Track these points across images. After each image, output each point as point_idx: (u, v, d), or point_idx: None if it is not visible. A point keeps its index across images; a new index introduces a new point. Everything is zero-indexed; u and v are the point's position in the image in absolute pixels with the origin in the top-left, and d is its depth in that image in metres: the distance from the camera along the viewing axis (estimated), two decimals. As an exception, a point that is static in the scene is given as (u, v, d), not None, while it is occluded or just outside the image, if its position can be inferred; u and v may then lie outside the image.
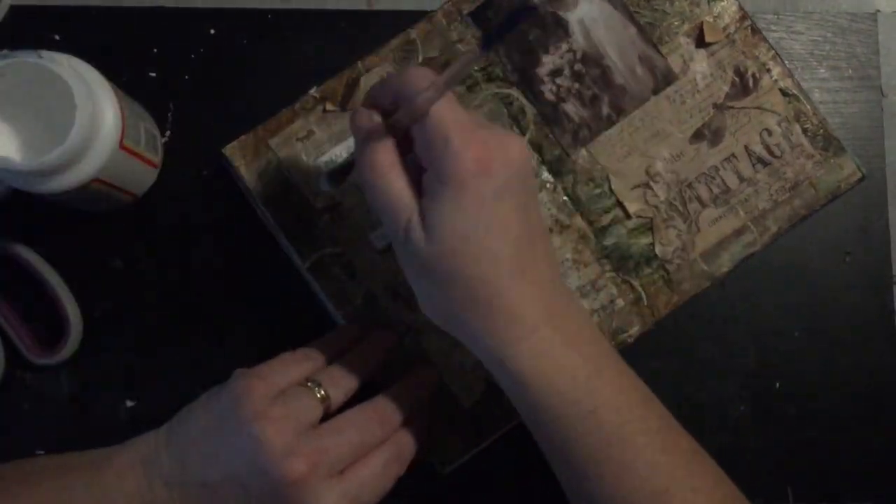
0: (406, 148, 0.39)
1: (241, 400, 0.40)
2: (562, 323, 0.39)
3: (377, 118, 0.39)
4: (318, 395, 0.42)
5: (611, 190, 0.49)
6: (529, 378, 0.39)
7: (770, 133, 0.50)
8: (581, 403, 0.39)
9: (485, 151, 0.37)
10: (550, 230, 0.49)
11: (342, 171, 0.45)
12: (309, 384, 0.42)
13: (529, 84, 0.49)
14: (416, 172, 0.39)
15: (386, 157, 0.39)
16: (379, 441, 0.42)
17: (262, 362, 0.49)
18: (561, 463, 0.41)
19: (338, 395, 0.42)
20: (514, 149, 0.38)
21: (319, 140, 0.49)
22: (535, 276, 0.39)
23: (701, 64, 0.50)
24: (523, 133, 0.49)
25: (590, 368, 0.39)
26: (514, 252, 0.38)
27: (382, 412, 0.43)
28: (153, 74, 0.50)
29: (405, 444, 0.43)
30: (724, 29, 0.50)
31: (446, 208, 0.37)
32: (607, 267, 0.49)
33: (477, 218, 0.37)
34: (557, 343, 0.39)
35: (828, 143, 0.49)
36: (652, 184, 0.49)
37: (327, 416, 0.42)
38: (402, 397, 0.44)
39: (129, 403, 0.49)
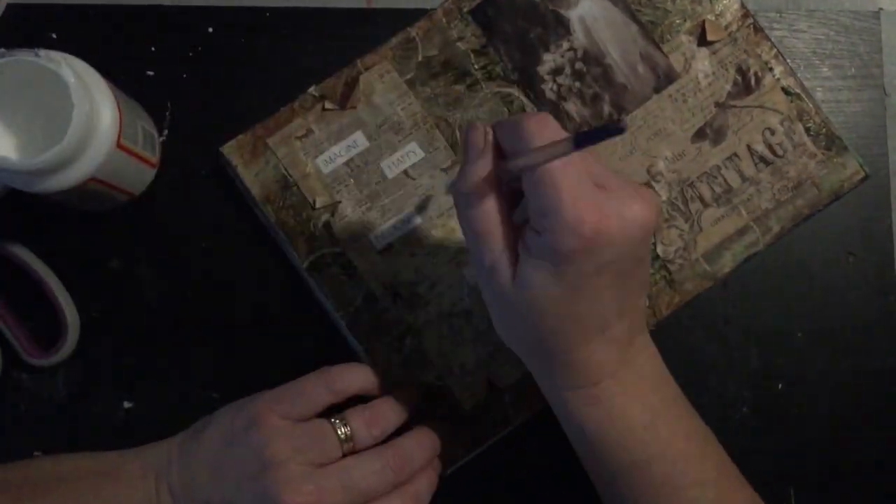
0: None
1: (254, 427, 0.40)
2: (627, 374, 0.39)
3: (489, 137, 0.37)
4: (340, 433, 0.41)
5: (612, 189, 0.49)
6: (585, 423, 0.39)
7: (772, 132, 0.49)
8: (633, 453, 0.39)
9: (596, 227, 0.33)
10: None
11: None
12: (335, 420, 0.41)
13: (530, 83, 0.49)
14: (516, 201, 0.38)
15: (492, 189, 0.36)
16: (391, 488, 0.41)
17: (257, 362, 0.49)
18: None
19: (365, 439, 0.42)
20: (633, 222, 0.35)
21: (318, 139, 0.48)
22: (615, 333, 0.38)
23: (703, 62, 0.49)
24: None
25: (646, 419, 0.39)
26: (600, 316, 0.37)
27: (401, 459, 0.42)
28: (151, 73, 0.50)
29: (417, 495, 0.42)
30: (727, 27, 0.49)
31: (543, 274, 0.35)
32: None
33: (572, 289, 0.35)
34: (617, 393, 0.39)
35: (830, 143, 0.49)
36: (654, 183, 0.49)
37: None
38: (424, 445, 0.43)
39: (127, 405, 0.49)
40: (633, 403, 0.39)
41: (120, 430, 0.48)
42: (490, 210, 0.36)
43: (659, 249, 0.49)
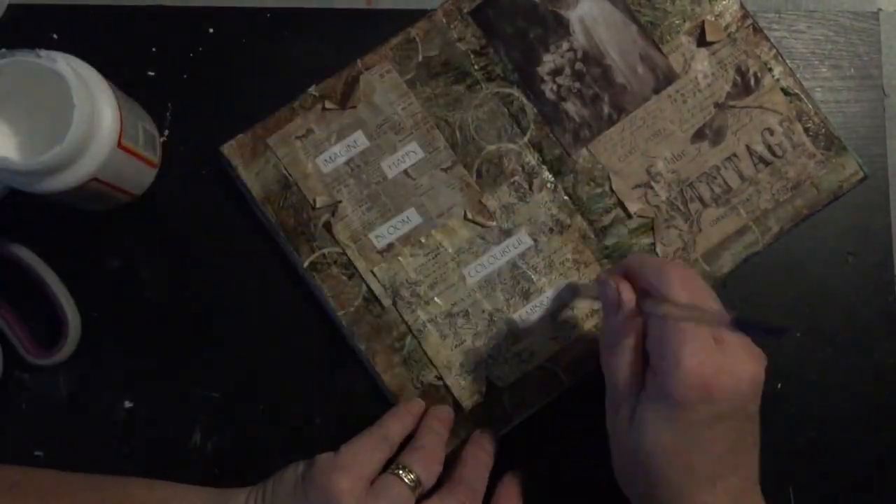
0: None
1: (332, 501, 0.40)
2: None
3: (631, 296, 0.39)
4: (408, 480, 0.41)
5: (612, 189, 0.49)
6: None
7: (772, 132, 0.49)
8: None
9: (713, 378, 0.36)
10: (551, 230, 0.49)
11: None
12: (399, 471, 0.42)
13: (530, 83, 0.49)
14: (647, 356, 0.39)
15: (630, 336, 0.39)
16: None
17: (257, 362, 0.49)
18: None
19: (430, 479, 0.42)
20: (745, 378, 0.37)
21: (318, 138, 0.48)
22: (727, 485, 0.38)
23: (702, 63, 0.49)
24: (524, 133, 0.49)
25: None
26: (712, 467, 0.38)
27: (471, 491, 0.43)
28: (152, 73, 0.50)
29: None
30: (726, 28, 0.50)
31: (658, 417, 0.37)
32: (608, 267, 0.49)
33: (685, 436, 0.37)
34: None
35: (829, 143, 0.49)
36: (653, 183, 0.49)
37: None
38: (481, 469, 0.44)
39: (128, 404, 0.49)
40: None
41: (121, 429, 0.48)
42: (628, 355, 0.39)
43: (658, 249, 0.49)
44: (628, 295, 0.39)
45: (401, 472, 0.42)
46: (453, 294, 0.48)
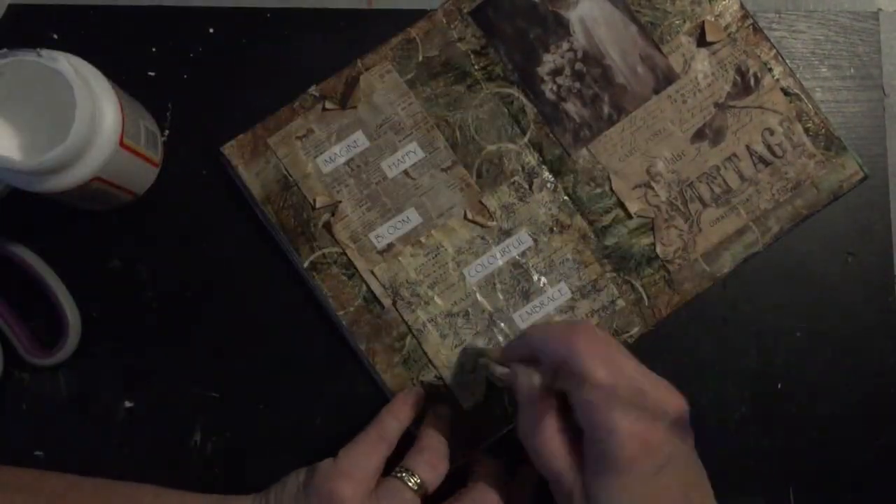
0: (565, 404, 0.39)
1: None
2: None
3: (537, 380, 0.39)
4: (412, 484, 0.41)
5: (612, 190, 0.49)
6: None
7: (772, 132, 0.49)
8: None
9: (649, 432, 0.37)
10: (551, 230, 0.49)
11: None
12: (403, 474, 0.42)
13: (530, 83, 0.49)
14: (576, 431, 0.39)
15: (548, 425, 0.39)
16: None
17: (257, 363, 0.49)
18: None
19: (435, 481, 0.42)
20: (673, 415, 0.38)
21: (319, 138, 0.48)
22: None
23: (702, 63, 0.49)
24: (524, 133, 0.49)
25: None
26: None
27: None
28: (152, 74, 0.50)
29: None
30: (726, 28, 0.50)
31: (610, 489, 0.37)
32: (608, 267, 0.49)
33: (639, 494, 0.37)
34: None
35: (829, 143, 0.49)
36: (653, 183, 0.49)
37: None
38: (500, 483, 0.44)
39: (128, 404, 0.49)
40: None
41: (121, 429, 0.48)
42: (556, 449, 0.39)
43: (658, 250, 0.49)
44: (530, 379, 0.39)
45: (404, 475, 0.42)
46: (453, 294, 0.48)
